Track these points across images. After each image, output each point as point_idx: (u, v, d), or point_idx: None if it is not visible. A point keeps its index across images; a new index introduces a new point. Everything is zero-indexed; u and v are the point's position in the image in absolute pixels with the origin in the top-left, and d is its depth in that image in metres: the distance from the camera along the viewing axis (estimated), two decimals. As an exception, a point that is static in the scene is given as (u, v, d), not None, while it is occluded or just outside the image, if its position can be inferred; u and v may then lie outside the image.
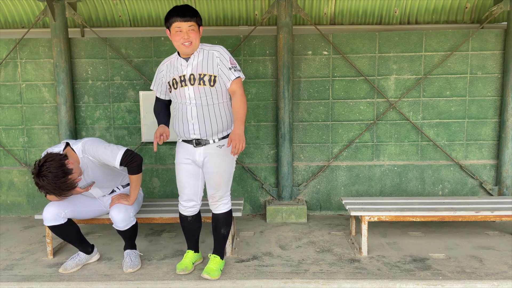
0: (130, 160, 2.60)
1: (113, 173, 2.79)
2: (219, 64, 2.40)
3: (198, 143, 2.48)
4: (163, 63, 2.55)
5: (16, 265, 2.88)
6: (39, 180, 2.39)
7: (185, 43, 2.33)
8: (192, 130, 2.45)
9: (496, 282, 2.51)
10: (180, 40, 2.33)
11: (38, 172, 2.38)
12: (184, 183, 2.58)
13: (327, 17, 4.11)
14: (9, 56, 3.95)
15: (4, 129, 4.08)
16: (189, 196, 2.60)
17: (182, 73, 2.42)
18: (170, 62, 2.51)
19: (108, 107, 4.02)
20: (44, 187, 2.40)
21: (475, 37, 3.84)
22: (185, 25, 2.31)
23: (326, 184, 4.08)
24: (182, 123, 2.47)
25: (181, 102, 2.45)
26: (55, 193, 2.44)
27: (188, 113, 2.43)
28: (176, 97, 2.47)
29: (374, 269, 2.72)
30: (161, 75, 2.55)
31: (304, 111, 3.99)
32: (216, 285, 2.56)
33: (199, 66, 2.40)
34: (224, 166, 2.52)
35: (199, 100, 2.41)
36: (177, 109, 2.50)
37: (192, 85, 2.39)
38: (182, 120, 2.47)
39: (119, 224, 2.68)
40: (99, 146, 2.60)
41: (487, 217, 2.98)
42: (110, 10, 4.09)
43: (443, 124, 3.96)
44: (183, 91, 2.42)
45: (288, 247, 3.15)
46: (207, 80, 2.38)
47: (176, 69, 2.45)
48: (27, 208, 4.16)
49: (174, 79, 2.45)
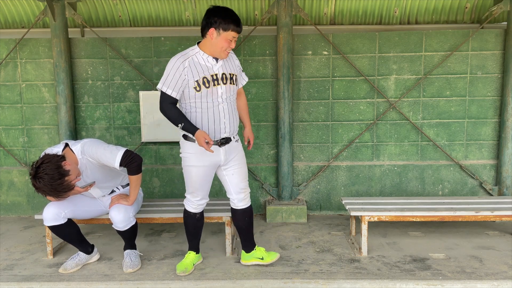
0: (130, 161, 2.58)
1: (112, 174, 2.79)
2: (238, 65, 2.61)
3: (224, 142, 2.50)
4: (179, 61, 2.39)
5: (16, 265, 2.88)
6: (35, 182, 2.38)
7: (229, 50, 2.42)
8: (223, 129, 2.50)
9: (496, 282, 2.51)
10: (226, 48, 2.39)
11: (35, 174, 2.38)
12: (201, 185, 2.60)
13: (327, 17, 4.11)
14: (9, 56, 3.95)
15: (4, 129, 4.08)
16: (203, 196, 2.66)
17: (213, 72, 2.43)
18: (190, 60, 2.40)
19: (108, 107, 4.02)
20: (40, 188, 2.39)
21: (475, 37, 3.84)
22: (237, 35, 2.40)
23: (326, 184, 4.08)
24: (213, 123, 2.47)
25: (211, 102, 2.45)
26: (51, 194, 2.44)
27: (221, 112, 2.47)
28: (206, 96, 2.43)
29: (374, 269, 2.72)
30: (184, 73, 2.38)
31: (304, 111, 3.99)
32: (216, 285, 2.56)
33: (227, 66, 2.50)
34: (244, 157, 2.71)
35: (229, 99, 2.51)
36: (203, 110, 2.45)
37: (224, 84, 2.46)
38: (214, 120, 2.46)
39: (118, 225, 2.68)
40: (98, 147, 2.58)
41: (487, 217, 2.98)
42: (110, 10, 4.09)
43: (443, 124, 3.96)
44: (215, 90, 2.43)
45: (288, 247, 3.15)
46: (234, 79, 2.54)
47: (206, 68, 2.41)
48: (27, 208, 4.16)
49: (205, 78, 2.40)
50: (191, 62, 2.40)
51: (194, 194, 2.63)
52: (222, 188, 4.09)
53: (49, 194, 2.44)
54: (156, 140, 3.97)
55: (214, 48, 2.38)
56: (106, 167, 2.66)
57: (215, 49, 2.38)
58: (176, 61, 2.39)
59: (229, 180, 2.65)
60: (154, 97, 3.90)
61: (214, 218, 3.00)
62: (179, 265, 2.72)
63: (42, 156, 2.46)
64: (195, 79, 2.39)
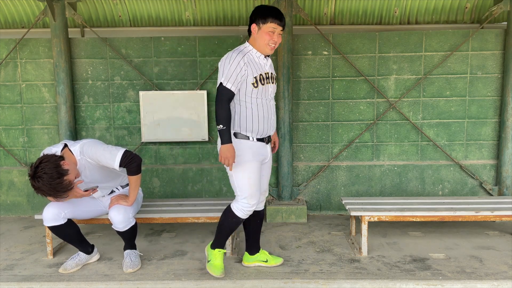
0: (129, 161, 2.58)
1: (112, 175, 2.78)
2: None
3: (269, 140, 2.59)
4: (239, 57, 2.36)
5: (16, 265, 2.88)
6: (34, 182, 2.37)
7: (272, 44, 2.40)
8: (272, 126, 2.57)
9: (496, 282, 2.51)
10: (269, 41, 2.38)
11: (34, 174, 2.36)
12: (258, 183, 2.50)
13: (327, 17, 4.11)
14: (9, 56, 3.95)
15: (4, 129, 4.08)
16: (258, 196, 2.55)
17: (266, 70, 2.48)
18: (247, 57, 2.39)
19: (108, 107, 4.02)
20: (39, 188, 2.38)
21: (475, 37, 3.84)
22: (279, 29, 2.39)
23: (326, 184, 4.08)
24: (266, 120, 2.50)
25: (265, 99, 2.49)
26: (51, 194, 2.42)
27: (269, 109, 2.52)
28: (262, 93, 2.46)
29: (374, 269, 2.72)
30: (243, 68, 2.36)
31: (304, 111, 3.99)
32: (216, 285, 2.56)
33: (271, 66, 2.55)
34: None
35: (274, 97, 2.60)
36: (258, 106, 2.46)
37: (272, 83, 2.54)
38: (268, 117, 2.51)
39: (118, 225, 2.68)
40: (98, 148, 2.56)
41: (487, 217, 2.98)
42: (110, 10, 4.09)
43: (443, 124, 3.96)
44: (267, 88, 2.49)
45: (288, 247, 3.15)
46: (275, 78, 2.62)
47: (260, 66, 2.44)
48: (27, 208, 4.16)
49: (261, 75, 2.44)
50: (249, 59, 2.40)
51: (252, 198, 2.49)
52: (222, 188, 4.10)
53: (49, 194, 2.43)
54: (156, 140, 3.97)
55: (259, 43, 2.40)
56: (105, 168, 2.65)
57: (259, 44, 2.40)
58: (237, 57, 2.36)
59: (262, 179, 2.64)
60: (154, 97, 3.91)
61: (214, 218, 3.00)
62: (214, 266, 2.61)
63: (41, 156, 2.45)
64: (254, 75, 2.41)
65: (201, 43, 3.93)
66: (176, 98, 3.91)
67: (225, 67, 2.36)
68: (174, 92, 3.91)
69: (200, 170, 4.08)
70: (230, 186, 4.09)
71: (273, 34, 2.37)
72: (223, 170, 4.07)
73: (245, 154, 2.45)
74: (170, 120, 3.93)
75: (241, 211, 2.51)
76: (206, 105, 3.91)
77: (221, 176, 4.08)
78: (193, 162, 4.07)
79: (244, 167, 2.46)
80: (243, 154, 2.45)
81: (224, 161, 2.38)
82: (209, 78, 3.95)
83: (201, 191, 4.11)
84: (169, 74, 3.97)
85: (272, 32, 2.37)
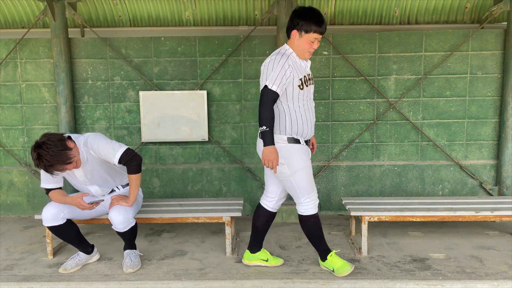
0: (130, 159, 2.60)
1: (113, 171, 2.79)
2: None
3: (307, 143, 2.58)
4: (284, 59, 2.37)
5: (16, 265, 2.88)
6: (38, 150, 2.38)
7: (311, 50, 2.42)
8: (312, 128, 2.56)
9: (496, 282, 2.51)
10: (309, 49, 2.41)
11: (38, 143, 2.40)
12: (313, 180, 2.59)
13: (327, 17, 4.11)
14: (9, 56, 3.95)
15: (4, 129, 4.08)
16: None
17: (306, 72, 2.49)
18: (291, 59, 2.40)
19: (108, 107, 4.02)
20: (42, 156, 2.37)
21: (475, 37, 3.84)
22: (320, 37, 2.40)
23: (326, 184, 4.08)
24: (310, 122, 2.51)
25: (307, 100, 2.50)
26: (51, 163, 2.39)
27: (310, 111, 2.52)
28: (305, 95, 2.47)
29: (374, 269, 2.72)
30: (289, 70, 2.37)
31: (304, 111, 3.99)
32: (216, 285, 2.56)
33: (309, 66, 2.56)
34: None
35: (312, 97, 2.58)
36: (305, 108, 2.47)
37: (312, 84, 2.55)
38: (311, 119, 2.51)
39: (118, 226, 2.68)
40: (101, 141, 2.61)
41: (487, 217, 2.98)
42: (110, 10, 4.09)
43: (443, 124, 3.96)
44: (309, 90, 2.51)
45: (288, 247, 3.15)
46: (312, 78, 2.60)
47: (301, 68, 2.46)
48: (27, 208, 4.16)
49: (305, 77, 2.47)
50: (292, 61, 2.42)
51: (312, 192, 2.55)
52: (222, 188, 4.10)
53: (49, 163, 2.40)
54: (156, 140, 3.97)
55: (297, 48, 2.42)
56: (106, 163, 2.68)
57: (298, 50, 2.42)
58: (281, 59, 2.37)
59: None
60: (154, 97, 3.91)
61: (214, 218, 3.00)
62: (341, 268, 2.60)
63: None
64: (299, 77, 2.42)
65: (201, 43, 3.93)
66: (176, 98, 3.91)
67: (269, 69, 2.36)
68: (174, 92, 3.91)
69: (200, 170, 4.08)
70: (230, 186, 4.09)
71: (313, 43, 2.40)
72: (223, 170, 4.07)
73: (300, 158, 2.46)
74: (170, 120, 3.93)
75: (311, 208, 2.55)
76: (206, 105, 3.91)
77: (221, 176, 4.08)
78: (193, 162, 4.07)
79: (303, 170, 2.47)
80: (299, 158, 2.46)
81: (267, 164, 2.35)
82: (209, 78, 3.95)
83: (201, 191, 4.11)
84: (169, 74, 3.97)
85: (313, 41, 2.39)
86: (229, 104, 4.00)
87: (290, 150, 2.44)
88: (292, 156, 2.45)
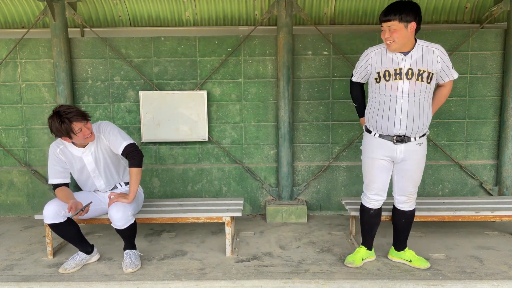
0: (133, 152, 2.71)
1: (118, 162, 2.91)
2: (440, 62, 2.42)
3: (400, 140, 2.47)
4: (370, 50, 2.50)
5: (16, 265, 2.88)
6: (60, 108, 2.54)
7: (387, 41, 2.36)
8: (398, 126, 2.43)
9: (496, 282, 2.51)
10: (385, 39, 2.38)
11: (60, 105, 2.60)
12: (376, 177, 2.59)
13: (327, 17, 4.11)
14: (9, 56, 3.95)
15: (4, 129, 4.08)
16: (378, 191, 2.63)
17: (398, 66, 2.39)
18: (380, 51, 2.46)
19: (108, 107, 4.02)
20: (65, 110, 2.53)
21: (475, 37, 3.84)
22: (385, 25, 2.35)
23: (326, 184, 4.08)
24: (387, 118, 2.44)
25: (390, 96, 2.42)
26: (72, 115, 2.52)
27: (398, 108, 2.41)
28: (385, 89, 2.42)
29: (374, 269, 2.72)
30: (367, 63, 2.50)
31: (304, 111, 3.99)
32: (216, 285, 2.56)
33: (419, 61, 2.38)
34: (423, 163, 2.58)
35: (412, 96, 2.39)
36: (381, 102, 2.45)
37: (408, 79, 2.38)
38: (388, 115, 2.43)
39: (117, 223, 2.68)
40: (113, 129, 2.77)
41: (487, 217, 2.98)
42: (110, 10, 4.09)
43: (443, 124, 3.96)
44: (395, 85, 2.39)
45: (288, 247, 3.15)
46: (425, 76, 2.39)
47: (391, 61, 2.41)
48: (27, 208, 4.16)
49: (387, 71, 2.41)
50: (378, 53, 2.46)
51: (369, 188, 2.64)
52: (222, 188, 4.10)
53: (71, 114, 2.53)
54: (156, 140, 3.97)
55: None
56: (113, 153, 2.81)
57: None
58: (365, 51, 2.53)
59: (396, 180, 2.62)
60: (154, 97, 3.91)
61: (214, 218, 3.00)
62: (349, 256, 2.80)
63: None
64: (377, 71, 2.45)
65: (201, 43, 3.93)
66: (176, 98, 3.90)
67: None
68: (174, 92, 3.91)
69: (200, 170, 4.08)
70: (230, 186, 4.09)
71: (384, 32, 2.37)
72: (223, 170, 4.07)
73: (366, 149, 2.62)
74: (170, 120, 3.93)
75: (363, 199, 2.72)
76: (206, 105, 3.91)
77: (221, 176, 4.08)
78: (193, 162, 4.07)
79: (365, 161, 2.64)
80: (365, 148, 2.63)
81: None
82: (209, 78, 3.95)
83: (201, 191, 4.11)
84: (169, 74, 3.97)
85: (383, 30, 2.38)
86: (229, 104, 4.00)
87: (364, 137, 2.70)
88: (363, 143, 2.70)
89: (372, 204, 2.68)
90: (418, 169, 2.56)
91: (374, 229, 2.79)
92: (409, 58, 2.38)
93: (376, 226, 2.79)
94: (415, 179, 2.58)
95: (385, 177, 2.59)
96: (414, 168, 2.54)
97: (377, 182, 2.60)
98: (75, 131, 2.56)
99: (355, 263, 2.75)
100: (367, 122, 2.58)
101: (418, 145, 2.51)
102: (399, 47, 2.37)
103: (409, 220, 2.72)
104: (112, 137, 2.73)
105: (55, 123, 2.52)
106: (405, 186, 2.60)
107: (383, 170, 2.57)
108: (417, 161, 2.53)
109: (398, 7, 2.31)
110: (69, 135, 2.57)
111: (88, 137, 2.66)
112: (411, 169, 2.54)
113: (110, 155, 2.82)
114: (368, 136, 2.59)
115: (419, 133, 2.49)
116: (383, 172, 2.58)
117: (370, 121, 2.53)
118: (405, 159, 2.52)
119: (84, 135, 2.62)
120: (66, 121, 2.52)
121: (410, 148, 2.50)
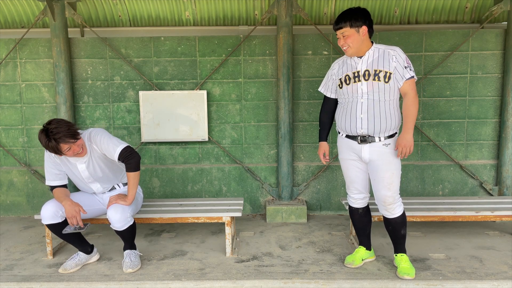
0: (128, 156, 2.64)
1: (114, 166, 2.83)
2: (395, 61, 2.43)
3: (363, 140, 2.49)
4: (335, 62, 2.66)
5: (16, 265, 2.88)
6: (49, 125, 2.46)
7: (344, 47, 2.48)
8: (360, 125, 2.47)
9: (496, 282, 2.50)
10: (340, 45, 2.50)
11: (47, 122, 2.51)
12: (354, 177, 2.64)
13: (327, 17, 4.11)
14: (9, 56, 3.94)
15: (4, 129, 4.07)
16: (359, 190, 2.68)
17: (356, 69, 2.49)
18: (342, 60, 2.60)
19: (108, 107, 4.02)
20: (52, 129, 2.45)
21: (475, 37, 3.84)
22: (339, 33, 2.48)
23: (326, 184, 4.08)
24: (349, 118, 2.51)
25: (352, 97, 2.50)
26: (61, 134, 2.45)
27: (358, 108, 2.47)
28: (347, 93, 2.51)
29: (374, 269, 2.71)
30: (332, 73, 2.64)
31: (304, 111, 3.99)
32: (216, 285, 2.56)
33: (375, 63, 2.45)
34: (393, 164, 2.49)
35: (371, 95, 2.45)
36: (344, 104, 2.55)
37: (366, 80, 2.45)
38: (350, 115, 2.50)
39: (116, 224, 2.68)
40: (104, 136, 2.68)
41: (487, 217, 2.98)
42: (110, 10, 4.09)
43: (443, 124, 3.96)
44: (355, 86, 2.48)
45: (288, 247, 3.15)
46: (382, 76, 2.43)
47: (350, 66, 2.52)
48: (27, 208, 4.16)
49: (347, 75, 2.52)
50: (341, 63, 2.60)
51: (350, 188, 2.71)
52: (222, 188, 4.10)
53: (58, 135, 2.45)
54: (156, 140, 3.97)
55: None
56: (108, 159, 2.74)
57: None
58: (333, 63, 2.67)
59: (372, 184, 2.60)
60: (154, 97, 3.90)
61: (214, 218, 2.99)
62: (348, 257, 2.81)
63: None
64: (339, 77, 2.58)
65: (201, 43, 3.93)
66: (176, 98, 3.90)
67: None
68: (174, 92, 3.90)
69: (200, 170, 4.07)
70: (229, 186, 4.09)
71: (339, 39, 2.49)
72: (223, 170, 4.07)
73: (339, 151, 2.70)
74: (170, 120, 3.93)
75: (348, 199, 2.78)
76: (206, 105, 3.91)
77: (221, 176, 4.08)
78: (193, 162, 4.07)
79: (340, 163, 2.72)
80: (339, 150, 2.71)
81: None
82: (209, 78, 3.94)
83: (201, 191, 4.11)
84: (169, 74, 3.97)
85: (339, 38, 2.50)
86: (229, 104, 3.99)
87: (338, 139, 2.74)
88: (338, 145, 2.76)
89: (358, 204, 2.71)
90: (388, 170, 2.47)
91: (367, 228, 2.80)
92: (365, 60, 2.47)
93: (368, 225, 2.79)
94: (386, 181, 2.48)
95: (361, 176, 2.63)
96: (383, 169, 2.47)
97: (355, 182, 2.65)
98: (63, 150, 2.52)
99: (354, 263, 2.75)
100: (337, 125, 2.66)
101: (384, 145, 2.47)
102: (356, 52, 2.46)
103: (396, 228, 2.60)
104: (104, 145, 2.66)
105: (43, 140, 2.47)
106: (378, 189, 2.52)
107: (358, 170, 2.61)
108: (385, 162, 2.47)
109: (348, 14, 2.43)
110: (58, 153, 2.54)
111: (79, 153, 2.61)
112: (380, 170, 2.48)
113: (105, 161, 2.76)
114: (338, 138, 2.69)
115: (384, 133, 2.46)
116: (358, 172, 2.62)
117: (338, 122, 2.62)
118: (372, 160, 2.51)
119: (74, 152, 2.56)
120: (53, 141, 2.46)
121: (376, 148, 2.48)
